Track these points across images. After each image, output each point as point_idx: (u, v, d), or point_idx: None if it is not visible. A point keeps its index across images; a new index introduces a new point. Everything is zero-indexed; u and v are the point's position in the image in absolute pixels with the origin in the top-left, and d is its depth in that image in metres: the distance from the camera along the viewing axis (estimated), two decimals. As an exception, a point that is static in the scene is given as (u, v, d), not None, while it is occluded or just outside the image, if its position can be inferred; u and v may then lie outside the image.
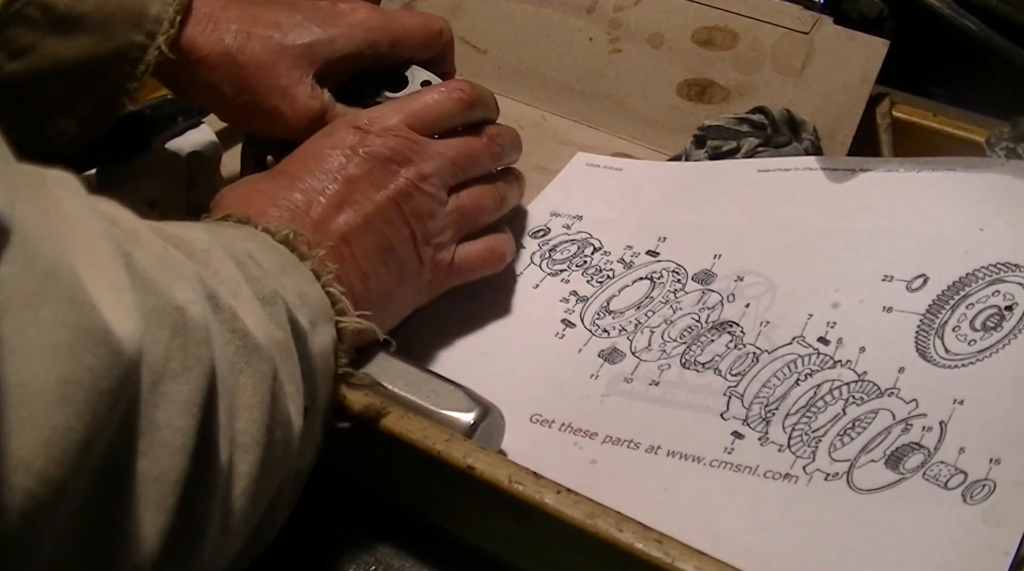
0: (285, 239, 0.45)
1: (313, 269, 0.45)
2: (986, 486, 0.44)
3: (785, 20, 0.68)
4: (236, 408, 0.34)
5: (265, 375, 0.36)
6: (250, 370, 0.35)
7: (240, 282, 0.37)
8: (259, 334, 0.36)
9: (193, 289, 0.33)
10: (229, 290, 0.36)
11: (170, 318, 0.31)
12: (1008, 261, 0.52)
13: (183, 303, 0.31)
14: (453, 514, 0.48)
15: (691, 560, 0.40)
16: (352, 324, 0.45)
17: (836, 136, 0.66)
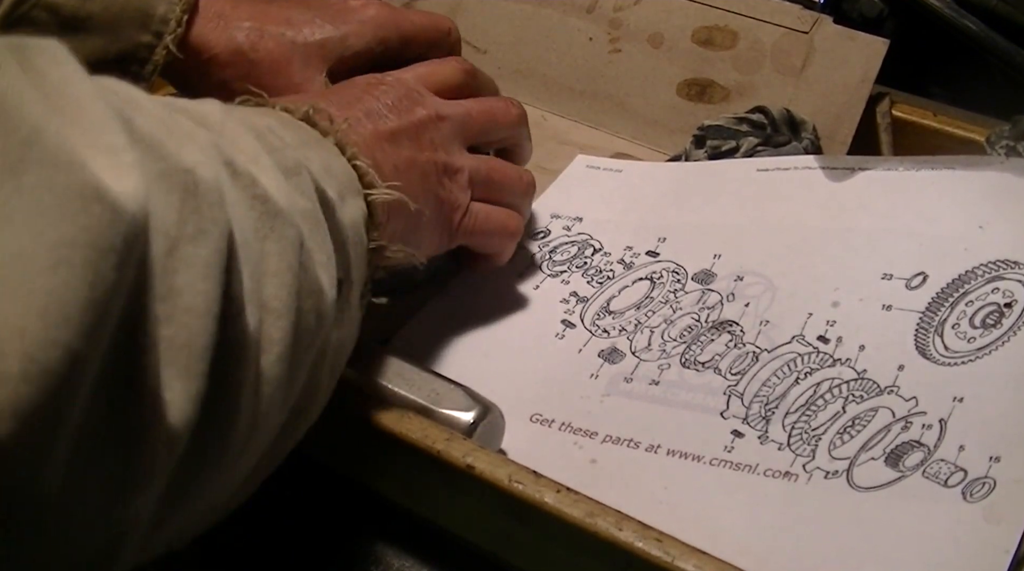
0: (305, 116, 0.43)
1: (337, 143, 0.43)
2: (986, 484, 0.44)
3: (785, 20, 0.68)
4: (263, 274, 0.34)
5: (291, 241, 0.35)
6: (275, 236, 0.34)
7: (259, 151, 0.36)
8: (282, 200, 0.35)
9: (204, 152, 0.32)
10: (248, 157, 0.35)
11: (179, 181, 0.30)
12: (1007, 258, 0.52)
13: (192, 165, 0.30)
14: (453, 514, 0.48)
15: (691, 559, 0.40)
16: (382, 196, 0.44)
17: (836, 136, 0.66)
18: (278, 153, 0.37)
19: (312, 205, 0.38)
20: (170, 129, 0.31)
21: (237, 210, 0.32)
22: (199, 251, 0.29)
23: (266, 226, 0.34)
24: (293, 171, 0.38)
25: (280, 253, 0.34)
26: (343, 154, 0.43)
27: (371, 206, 0.43)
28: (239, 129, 0.37)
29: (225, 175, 0.33)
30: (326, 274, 0.38)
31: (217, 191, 0.31)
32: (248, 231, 0.33)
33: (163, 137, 0.30)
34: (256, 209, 0.34)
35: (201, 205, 0.30)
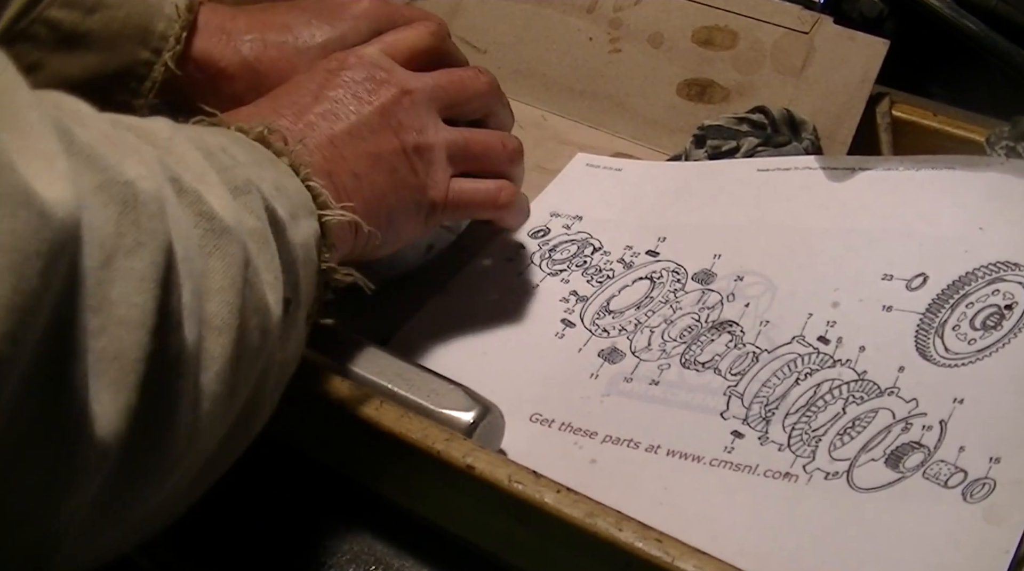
0: (260, 136, 0.43)
1: (291, 164, 0.43)
2: (986, 485, 0.44)
3: (785, 20, 0.68)
4: (206, 290, 0.34)
5: (235, 257, 0.35)
6: (219, 253, 0.34)
7: (207, 169, 0.36)
8: (228, 218, 0.35)
9: (147, 166, 0.32)
10: (195, 175, 0.35)
11: (118, 193, 0.30)
12: (1008, 260, 0.52)
13: (133, 178, 0.30)
14: (453, 514, 0.48)
15: (691, 559, 0.40)
16: (335, 217, 0.44)
17: (836, 136, 0.66)
18: (227, 171, 0.38)
19: (261, 224, 0.38)
20: (113, 142, 0.31)
21: (181, 226, 0.32)
22: (135, 264, 0.30)
23: (211, 243, 0.34)
24: (242, 190, 0.38)
25: (224, 270, 0.34)
26: (296, 175, 0.43)
27: (325, 226, 0.43)
28: (187, 147, 0.37)
29: (170, 191, 0.33)
30: (272, 293, 0.38)
31: (157, 203, 0.31)
32: (192, 247, 0.33)
33: (104, 150, 0.30)
34: (201, 226, 0.34)
35: (140, 217, 0.30)
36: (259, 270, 0.37)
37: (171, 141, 0.36)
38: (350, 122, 0.48)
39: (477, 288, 0.60)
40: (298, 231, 0.41)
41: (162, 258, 0.30)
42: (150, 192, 0.31)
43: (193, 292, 0.32)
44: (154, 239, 0.30)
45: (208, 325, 0.34)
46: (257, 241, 0.37)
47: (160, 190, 0.31)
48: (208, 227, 0.34)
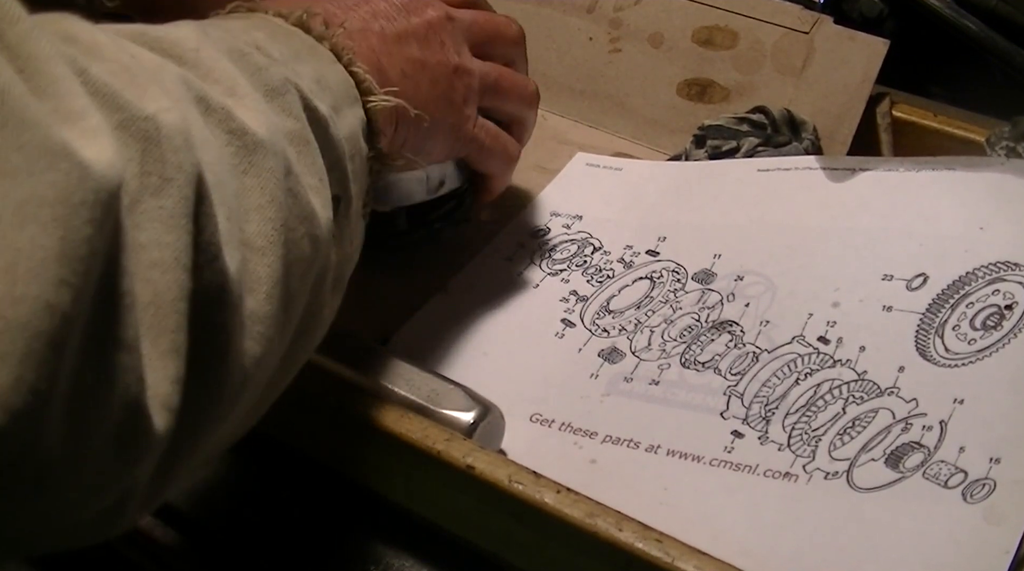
0: (299, 21, 0.42)
1: (332, 49, 0.42)
2: (986, 485, 0.44)
3: (785, 20, 0.68)
4: (245, 210, 0.33)
5: (272, 171, 0.34)
6: (254, 170, 0.33)
7: (236, 78, 0.35)
8: (261, 130, 0.34)
9: (168, 95, 0.30)
10: (223, 89, 0.34)
11: (139, 130, 0.28)
12: (1008, 260, 0.52)
13: (154, 111, 0.29)
14: (453, 514, 0.48)
15: (691, 559, 0.40)
16: (381, 103, 0.43)
17: (836, 136, 0.66)
18: (261, 73, 0.36)
19: (300, 125, 0.37)
20: (132, 74, 0.30)
21: (211, 149, 0.31)
22: (163, 202, 0.29)
23: (245, 161, 0.33)
24: (278, 91, 0.37)
25: (262, 187, 0.33)
26: (339, 60, 0.42)
27: (371, 113, 0.42)
28: (215, 55, 0.35)
29: (196, 113, 0.32)
30: (318, 197, 0.37)
31: (182, 134, 0.30)
32: (224, 170, 0.32)
33: (121, 85, 0.29)
34: (233, 144, 0.33)
35: (165, 153, 0.29)
36: (301, 176, 0.36)
37: (198, 52, 0.35)
38: (399, 27, 0.47)
39: (477, 288, 0.60)
40: (343, 123, 0.40)
41: (191, 191, 0.29)
42: (173, 124, 0.29)
43: (229, 217, 0.31)
44: (181, 172, 0.29)
45: (250, 246, 0.33)
46: (297, 144, 0.36)
47: (185, 118, 0.30)
48: (240, 144, 0.33)
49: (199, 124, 0.31)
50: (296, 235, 0.35)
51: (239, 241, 0.32)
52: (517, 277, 0.61)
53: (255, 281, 0.33)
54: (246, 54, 0.37)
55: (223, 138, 0.33)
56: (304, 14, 0.42)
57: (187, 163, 0.29)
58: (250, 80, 0.36)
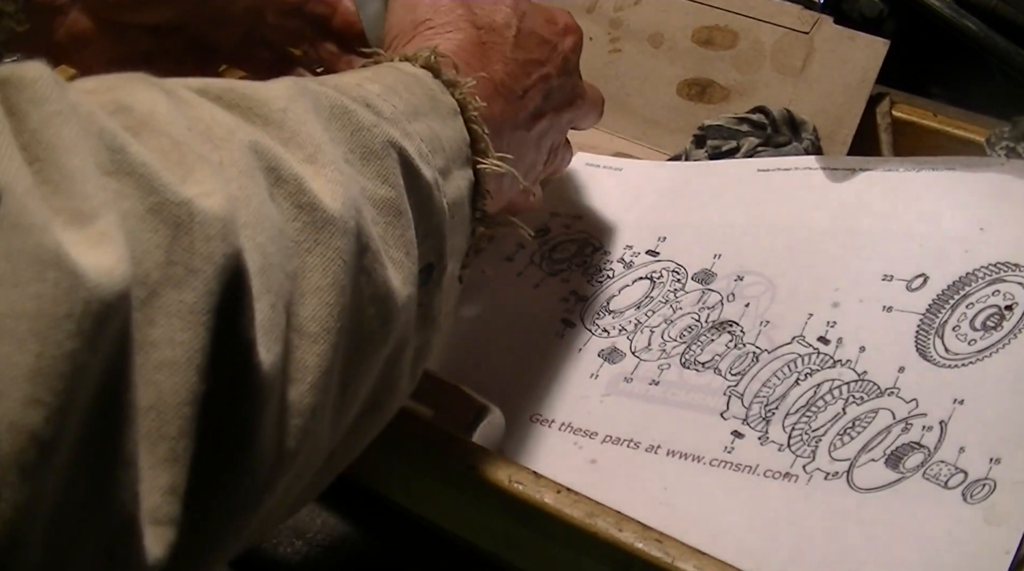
0: (427, 63, 0.41)
1: (460, 101, 0.41)
2: (986, 485, 0.44)
3: (785, 20, 0.68)
4: (301, 293, 0.31)
5: (340, 252, 0.32)
6: (320, 249, 0.31)
7: (323, 143, 0.33)
8: (336, 204, 0.32)
9: (220, 174, 0.29)
10: (304, 155, 0.32)
11: (171, 216, 0.27)
12: (1008, 261, 0.52)
13: (191, 197, 0.27)
14: (453, 514, 0.48)
15: (691, 559, 0.40)
16: (492, 167, 0.41)
17: (836, 136, 0.66)
18: (362, 134, 0.35)
19: (395, 193, 0.35)
20: (182, 151, 0.28)
21: (268, 227, 0.30)
22: (184, 296, 0.27)
23: (310, 238, 0.31)
24: (377, 154, 0.35)
25: (324, 268, 0.32)
26: (463, 112, 0.41)
27: (480, 175, 0.41)
28: (305, 115, 0.34)
29: (262, 185, 0.30)
30: (400, 272, 0.35)
31: (221, 221, 0.28)
32: (281, 250, 0.30)
33: (163, 165, 0.27)
34: (300, 219, 0.31)
35: (195, 241, 0.27)
36: (381, 252, 0.34)
37: (285, 113, 0.33)
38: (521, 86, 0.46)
39: (477, 288, 0.60)
40: (450, 186, 0.39)
41: (219, 284, 0.27)
42: (211, 210, 0.28)
43: (275, 305, 0.29)
44: (210, 264, 0.27)
45: (301, 332, 0.31)
46: (387, 214, 0.35)
47: (231, 201, 0.28)
48: (308, 220, 0.31)
49: (260, 198, 0.30)
50: (364, 316, 0.34)
51: (285, 329, 0.30)
52: (517, 277, 0.61)
53: (300, 370, 0.31)
54: (349, 112, 0.35)
55: (290, 212, 0.31)
56: (432, 55, 0.41)
57: (219, 253, 0.27)
58: (347, 142, 0.35)
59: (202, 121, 0.30)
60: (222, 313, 0.28)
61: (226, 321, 0.28)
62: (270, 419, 0.30)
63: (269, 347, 0.29)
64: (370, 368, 0.35)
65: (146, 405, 0.26)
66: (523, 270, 0.61)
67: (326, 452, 0.34)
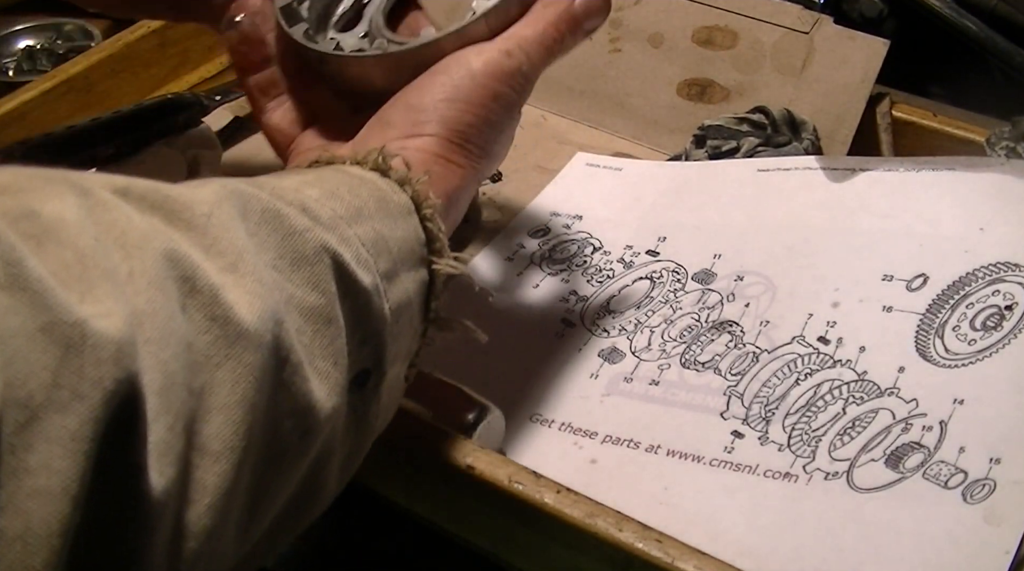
0: (376, 166, 0.40)
1: (413, 198, 0.40)
2: (986, 485, 0.44)
3: (785, 20, 0.68)
4: (207, 410, 0.30)
5: (252, 367, 0.31)
6: (231, 364, 0.30)
7: (246, 251, 0.32)
8: (253, 316, 0.31)
9: (123, 290, 0.28)
10: (225, 263, 0.31)
11: (62, 336, 0.25)
12: (1008, 261, 0.52)
13: (85, 317, 0.26)
14: (453, 514, 0.48)
15: (691, 559, 0.40)
16: (447, 268, 0.41)
17: (836, 136, 0.66)
18: (294, 238, 0.34)
19: (324, 301, 0.34)
20: (85, 265, 0.27)
21: (173, 343, 0.29)
22: (68, 421, 0.25)
23: (221, 353, 0.30)
24: (308, 260, 0.34)
25: (234, 383, 0.30)
26: (418, 211, 0.40)
27: (435, 274, 0.41)
28: (230, 222, 0.32)
29: (173, 296, 0.29)
30: (326, 383, 0.34)
31: (115, 344, 0.26)
32: (186, 366, 0.29)
33: (60, 280, 0.26)
34: (212, 332, 0.30)
35: (84, 365, 0.26)
36: (303, 365, 0.33)
37: (210, 217, 0.32)
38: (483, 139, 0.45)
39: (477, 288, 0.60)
40: (395, 290, 0.38)
41: (108, 409, 0.26)
42: (105, 332, 0.26)
43: (173, 426, 0.28)
44: (98, 389, 0.26)
45: (203, 451, 0.30)
46: (314, 323, 0.34)
47: (130, 320, 0.27)
48: (220, 333, 0.30)
49: (169, 311, 0.29)
50: (280, 430, 0.33)
51: (184, 449, 0.29)
52: (517, 277, 0.61)
53: (199, 491, 0.30)
54: (281, 216, 0.34)
55: (202, 324, 0.30)
56: (381, 157, 0.40)
57: (109, 378, 0.26)
58: (276, 248, 0.34)
59: (116, 226, 0.29)
60: (108, 439, 0.26)
61: (112, 447, 0.26)
62: (160, 544, 0.28)
63: (162, 470, 0.28)
64: (287, 480, 0.34)
65: (13, 535, 0.25)
66: (523, 270, 0.61)
67: (232, 564, 0.33)
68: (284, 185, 0.37)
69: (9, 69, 0.82)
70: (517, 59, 0.45)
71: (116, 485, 0.27)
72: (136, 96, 0.72)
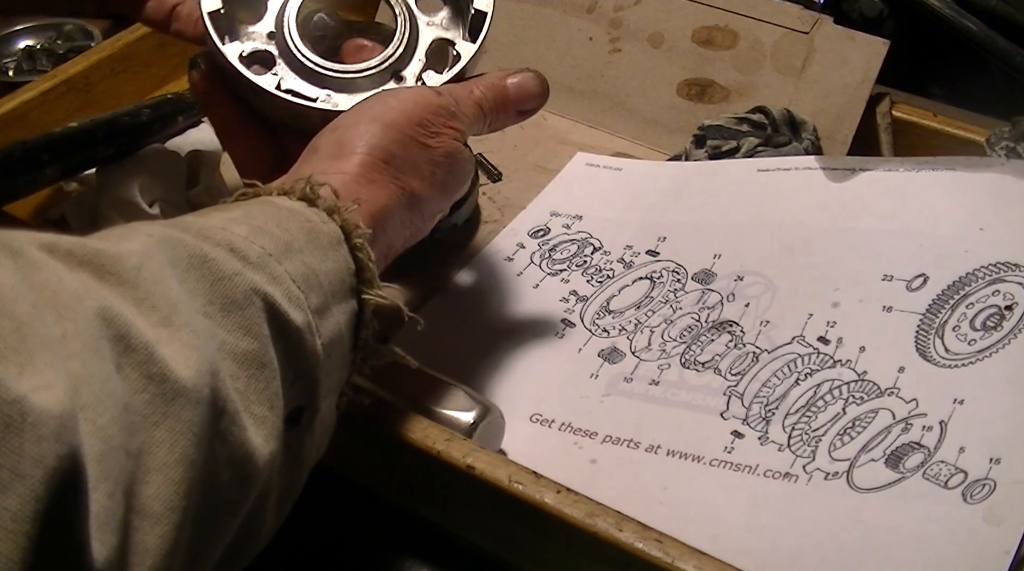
0: (304, 195, 0.39)
1: (342, 226, 0.39)
2: (986, 485, 0.44)
3: (785, 20, 0.68)
4: (146, 471, 0.29)
5: (191, 424, 0.30)
6: (169, 422, 0.30)
7: (179, 302, 0.32)
8: (189, 372, 0.31)
9: (60, 355, 0.27)
10: (159, 317, 0.31)
11: (2, 416, 0.25)
12: (1008, 261, 0.52)
13: (25, 393, 0.25)
14: (453, 514, 0.48)
15: (691, 559, 0.40)
16: (376, 298, 0.40)
17: (836, 136, 0.66)
18: (223, 283, 0.34)
19: (256, 345, 0.34)
20: (22, 334, 0.26)
21: (110, 406, 0.28)
22: (8, 503, 0.24)
23: (159, 412, 0.30)
24: (239, 304, 0.34)
25: (173, 442, 0.30)
26: (348, 240, 0.40)
27: (364, 304, 0.40)
28: (160, 272, 0.32)
29: (108, 356, 0.29)
30: (263, 429, 0.34)
31: (57, 419, 0.26)
32: (124, 429, 0.28)
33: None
34: (148, 391, 0.30)
35: (24, 443, 0.25)
36: (239, 414, 0.33)
37: (140, 270, 0.31)
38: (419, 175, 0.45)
39: (477, 288, 0.60)
40: (327, 325, 0.38)
41: (49, 487, 0.25)
42: (45, 407, 0.25)
43: (112, 493, 0.27)
44: (39, 467, 0.25)
45: (143, 513, 0.29)
46: (248, 368, 0.34)
47: (71, 391, 0.26)
48: (157, 392, 0.30)
49: (105, 373, 0.28)
50: (219, 482, 0.32)
51: (124, 515, 0.28)
52: (517, 277, 0.61)
53: (140, 554, 0.29)
54: (208, 261, 0.34)
55: (138, 383, 0.29)
56: (309, 187, 0.40)
57: (51, 455, 0.25)
58: (205, 294, 0.33)
59: (48, 287, 0.29)
60: (50, 517, 0.25)
61: (55, 525, 0.26)
62: None
63: (104, 539, 0.27)
64: (226, 530, 0.34)
65: None
66: (523, 270, 0.61)
67: None
68: (210, 224, 0.36)
69: (9, 69, 0.82)
70: (446, 98, 0.46)
71: (60, 563, 0.26)
72: (136, 96, 0.72)
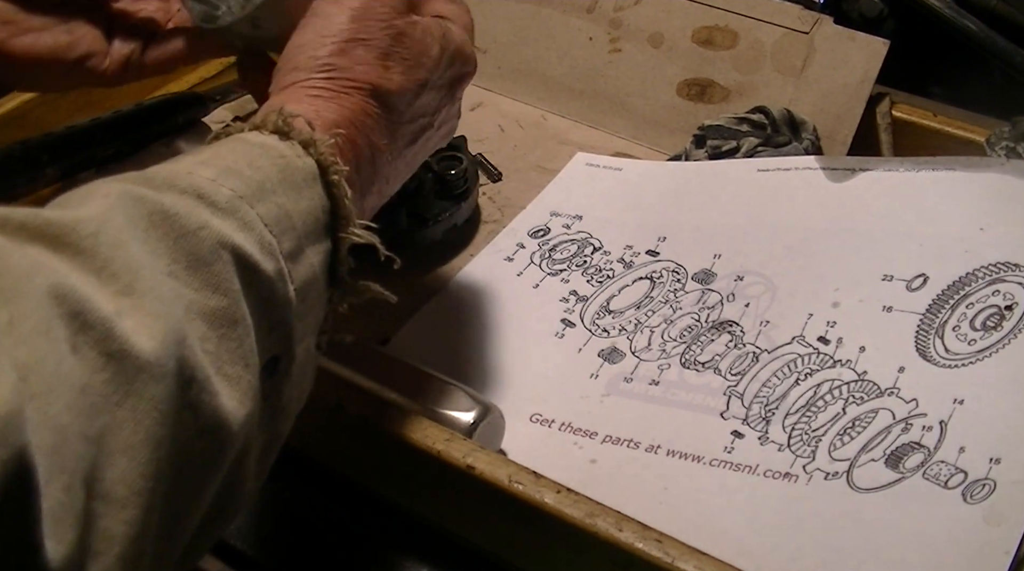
0: (277, 128, 0.37)
1: (318, 161, 0.37)
2: (986, 485, 0.44)
3: (785, 20, 0.68)
4: (109, 454, 0.28)
5: (155, 400, 0.29)
6: (131, 400, 0.28)
7: (141, 267, 0.30)
8: (154, 343, 0.29)
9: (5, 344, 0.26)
10: (119, 286, 0.29)
11: None
12: (1008, 261, 0.52)
13: None
14: (453, 514, 0.48)
15: (691, 559, 0.40)
16: (351, 238, 0.38)
17: (836, 136, 0.66)
18: (187, 239, 0.32)
19: (228, 301, 0.32)
20: None
21: (65, 391, 0.27)
22: None
23: (120, 390, 0.28)
24: (206, 260, 0.32)
25: (137, 421, 0.28)
26: (323, 176, 0.38)
27: (340, 242, 0.38)
28: (121, 234, 0.30)
29: (62, 336, 0.27)
30: (236, 390, 0.33)
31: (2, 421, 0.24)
32: (79, 416, 0.27)
33: None
34: (108, 370, 0.28)
35: None
36: (210, 379, 0.31)
37: (97, 236, 0.29)
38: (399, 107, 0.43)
39: (477, 288, 0.60)
40: (301, 268, 0.36)
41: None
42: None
43: (70, 485, 0.26)
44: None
45: (108, 499, 0.28)
46: (219, 326, 0.32)
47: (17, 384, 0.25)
48: (118, 369, 0.28)
49: (57, 357, 0.27)
50: (192, 453, 0.31)
51: (83, 507, 0.27)
52: (517, 277, 0.61)
53: (105, 542, 0.28)
54: (171, 216, 0.32)
55: (96, 362, 0.28)
56: (281, 119, 0.38)
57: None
58: (169, 253, 0.31)
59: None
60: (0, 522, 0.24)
61: (3, 530, 0.25)
62: None
63: (60, 536, 0.26)
64: (202, 499, 0.33)
65: None
66: (523, 270, 0.61)
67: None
68: (177, 170, 0.34)
69: (9, 69, 0.82)
70: None
71: (12, 567, 0.25)
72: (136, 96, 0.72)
